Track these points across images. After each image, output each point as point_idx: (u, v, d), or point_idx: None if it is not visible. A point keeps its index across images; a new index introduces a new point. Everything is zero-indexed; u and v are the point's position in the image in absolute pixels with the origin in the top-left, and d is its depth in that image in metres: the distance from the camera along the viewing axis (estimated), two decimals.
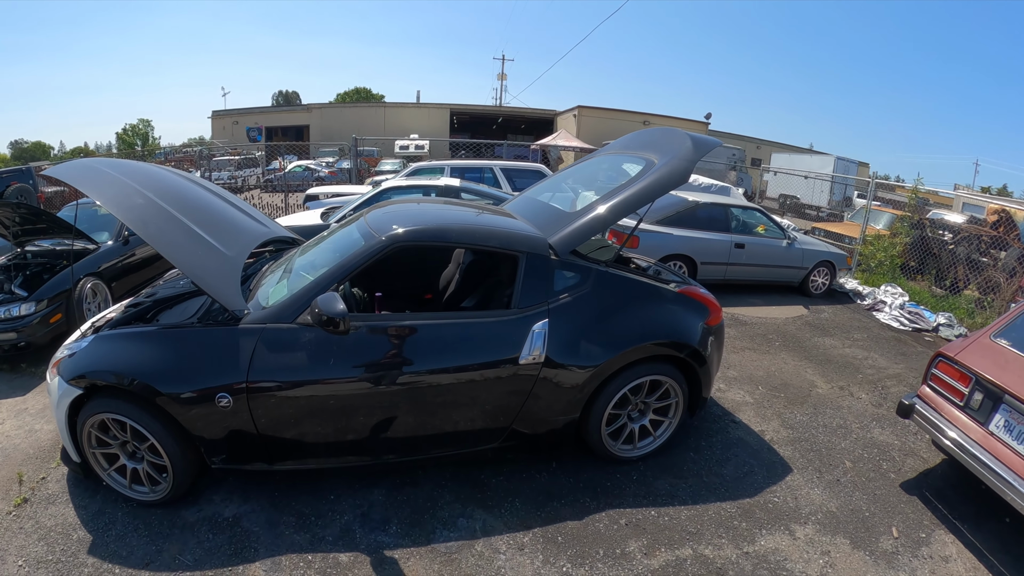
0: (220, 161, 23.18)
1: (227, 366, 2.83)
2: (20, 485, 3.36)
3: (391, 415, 3.03)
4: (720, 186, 11.32)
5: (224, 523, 3.00)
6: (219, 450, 2.95)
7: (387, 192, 7.67)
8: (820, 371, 5.45)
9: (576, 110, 33.73)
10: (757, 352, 5.85)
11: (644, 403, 3.53)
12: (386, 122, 38.23)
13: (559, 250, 3.31)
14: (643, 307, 3.45)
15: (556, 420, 3.29)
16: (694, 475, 3.55)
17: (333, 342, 2.88)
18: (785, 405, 4.63)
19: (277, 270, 3.63)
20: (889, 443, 4.17)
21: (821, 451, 3.97)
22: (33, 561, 2.77)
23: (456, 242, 3.44)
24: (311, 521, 3.02)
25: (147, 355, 2.89)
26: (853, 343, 6.43)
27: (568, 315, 3.21)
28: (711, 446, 3.89)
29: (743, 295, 7.89)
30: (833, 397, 4.89)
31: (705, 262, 7.54)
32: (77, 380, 2.90)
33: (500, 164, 10.35)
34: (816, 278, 8.31)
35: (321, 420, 2.97)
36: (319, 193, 11.64)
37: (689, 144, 3.66)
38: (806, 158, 25.48)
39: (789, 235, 8.17)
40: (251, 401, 2.83)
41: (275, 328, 2.90)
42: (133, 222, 3.01)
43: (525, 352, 3.07)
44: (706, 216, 7.72)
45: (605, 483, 3.41)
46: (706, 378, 3.60)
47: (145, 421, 2.86)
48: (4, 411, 4.35)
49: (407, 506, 3.15)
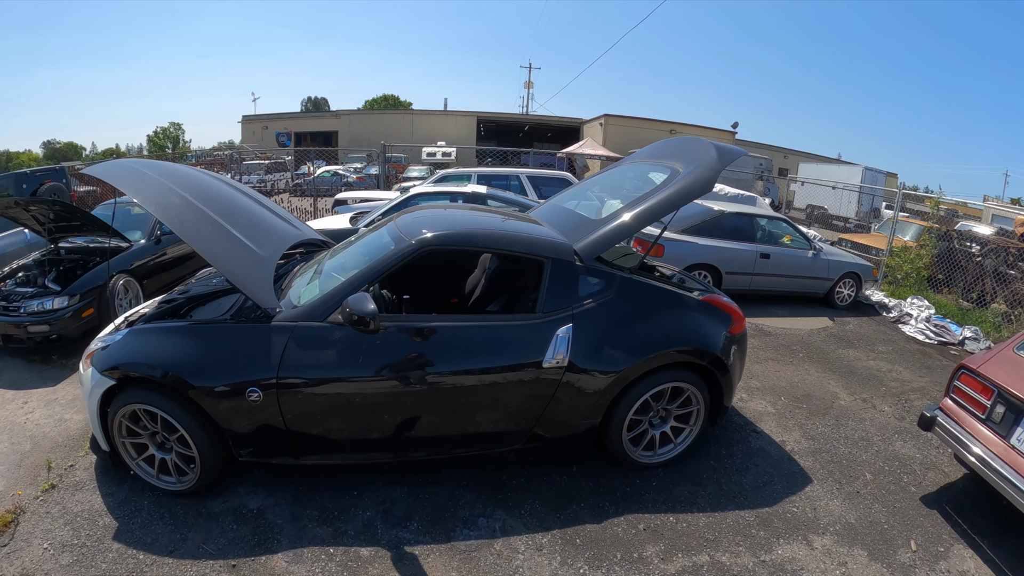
0: (250, 165, 23.57)
1: (258, 362, 2.90)
2: (48, 471, 3.47)
3: (416, 414, 3.09)
4: (746, 196, 11.24)
5: (248, 514, 3.06)
6: (247, 443, 3.03)
7: (415, 198, 7.76)
8: (843, 383, 5.39)
9: (602, 118, 33.68)
10: (780, 363, 5.80)
11: (665, 410, 3.53)
12: (414, 129, 38.58)
13: (584, 256, 3.35)
14: (666, 314, 3.47)
15: (578, 424, 3.31)
16: (714, 483, 3.54)
17: (362, 341, 2.94)
18: (807, 416, 4.59)
19: (308, 271, 3.71)
20: (911, 456, 4.11)
21: (842, 463, 3.93)
22: (58, 544, 2.85)
23: (483, 246, 3.48)
24: (334, 516, 3.07)
25: (180, 349, 2.97)
26: (877, 356, 6.34)
27: (592, 320, 3.23)
28: (731, 455, 3.88)
29: (768, 305, 7.82)
30: (856, 409, 4.83)
31: (730, 272, 7.50)
32: (111, 371, 2.99)
33: (526, 172, 10.41)
34: (842, 289, 8.20)
35: (347, 417, 3.03)
36: (348, 198, 11.79)
37: (714, 153, 3.68)
38: (833, 168, 25.15)
39: (815, 246, 8.09)
40: (280, 396, 2.90)
41: (306, 326, 2.97)
42: (171, 221, 3.11)
43: (548, 356, 3.10)
44: (731, 226, 7.69)
45: (625, 488, 3.42)
46: (728, 386, 3.59)
47: (176, 413, 2.94)
48: (35, 400, 4.50)
49: (428, 504, 3.19)
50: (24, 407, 4.40)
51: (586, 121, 37.76)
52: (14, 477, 3.45)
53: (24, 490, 3.30)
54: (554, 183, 10.09)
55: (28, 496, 3.23)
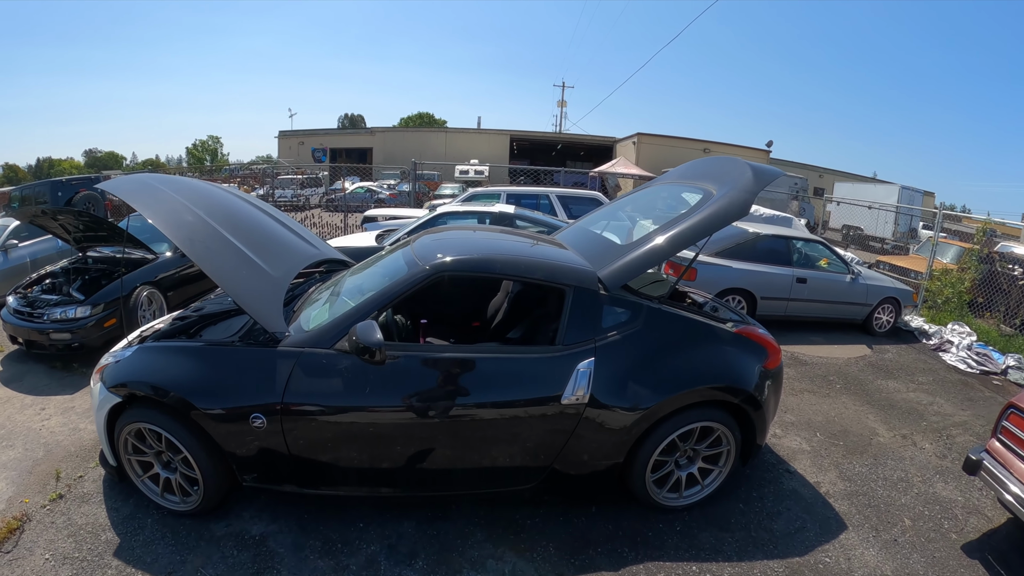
0: (284, 180, 23.96)
1: (263, 387, 2.81)
2: (57, 481, 3.46)
3: (426, 447, 2.93)
4: (782, 217, 10.91)
5: (250, 540, 2.97)
6: (250, 468, 2.93)
7: (442, 217, 7.71)
8: (882, 417, 5.07)
9: (635, 137, 33.20)
10: (817, 395, 5.50)
11: (693, 450, 3.28)
12: (447, 147, 38.70)
13: (609, 284, 3.14)
14: (697, 348, 3.23)
15: (598, 463, 3.09)
16: (742, 528, 3.29)
17: (370, 370, 2.81)
18: (844, 454, 4.30)
19: (323, 293, 3.61)
20: (952, 499, 3.82)
21: (879, 507, 3.66)
22: (60, 556, 2.83)
23: (501, 273, 3.30)
24: (337, 548, 2.95)
25: (186, 370, 2.91)
26: (918, 387, 5.99)
27: (616, 354, 3.02)
28: (762, 497, 3.62)
29: (804, 332, 7.49)
30: (895, 447, 4.52)
31: (765, 297, 7.19)
32: (118, 388, 2.96)
33: (556, 191, 10.26)
34: (880, 315, 7.82)
35: (354, 447, 2.90)
36: (377, 215, 11.83)
37: (749, 175, 3.45)
38: (870, 187, 24.50)
39: (853, 269, 7.74)
40: (285, 423, 2.80)
41: (313, 352, 2.86)
42: (180, 240, 3.04)
43: (568, 392, 2.91)
44: (767, 248, 7.38)
45: (646, 532, 3.19)
46: (761, 425, 3.32)
47: (180, 434, 2.87)
48: (52, 407, 4.53)
49: (436, 541, 3.04)
50: (41, 413, 4.44)
51: (619, 140, 37.41)
52: (24, 484, 3.47)
53: (32, 498, 3.31)
54: (584, 203, 9.92)
55: (35, 504, 3.24)
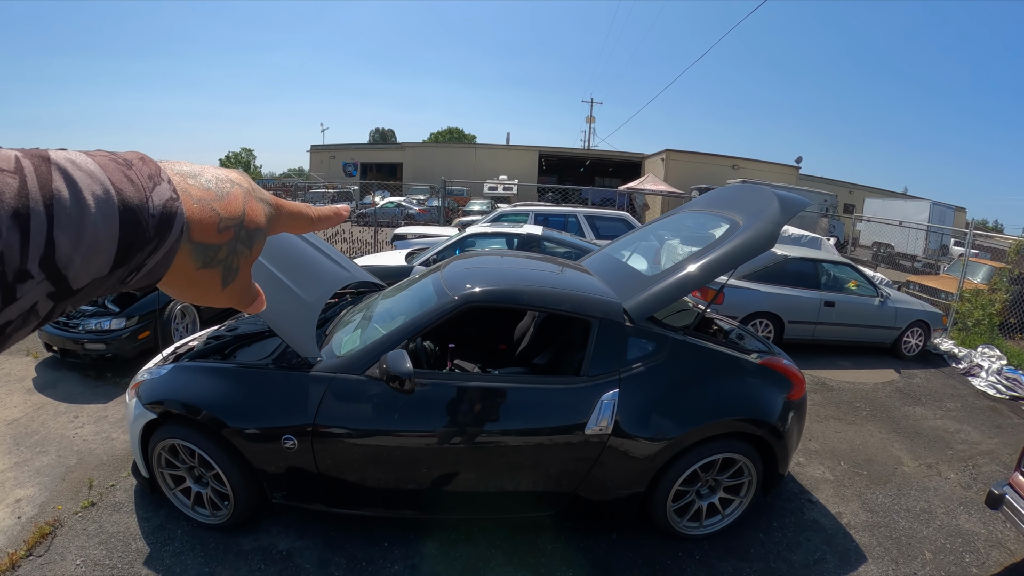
0: (315, 194, 24.38)
1: (295, 410, 2.91)
2: (90, 489, 3.59)
3: (451, 472, 3.00)
4: (811, 238, 10.79)
5: (278, 555, 3.06)
6: (280, 487, 3.03)
7: (470, 239, 7.81)
8: (908, 445, 5.00)
9: (664, 154, 32.82)
10: (842, 422, 5.43)
11: (715, 480, 3.30)
12: (476, 163, 38.79)
13: (634, 316, 3.18)
14: (721, 380, 3.25)
15: (620, 491, 3.13)
16: (761, 559, 3.29)
17: (399, 397, 2.89)
18: (867, 484, 4.25)
19: (355, 316, 3.70)
20: (975, 532, 3.76)
21: (901, 539, 3.62)
22: (91, 562, 2.94)
23: (528, 304, 3.34)
24: (361, 566, 3.02)
25: (220, 390, 3.03)
26: (945, 413, 5.88)
27: (641, 385, 3.06)
28: (783, 527, 3.61)
29: (831, 356, 7.41)
30: (919, 477, 4.46)
31: (793, 320, 7.14)
32: (153, 405, 3.08)
33: (584, 211, 10.33)
34: (909, 339, 7.68)
35: (382, 471, 2.98)
36: (407, 233, 11.85)
37: (776, 206, 3.46)
38: (900, 204, 24.06)
39: (882, 292, 7.62)
40: (315, 445, 2.89)
41: (344, 378, 2.95)
42: None
43: (592, 422, 2.95)
44: (795, 271, 7.33)
45: (665, 560, 3.21)
46: (783, 456, 3.32)
47: (212, 451, 2.99)
48: (85, 416, 4.67)
49: (458, 563, 3.09)
50: (74, 421, 4.58)
51: (647, 156, 37.10)
52: (57, 490, 3.60)
53: (64, 504, 3.43)
54: (611, 222, 9.98)
55: (68, 511, 3.36)
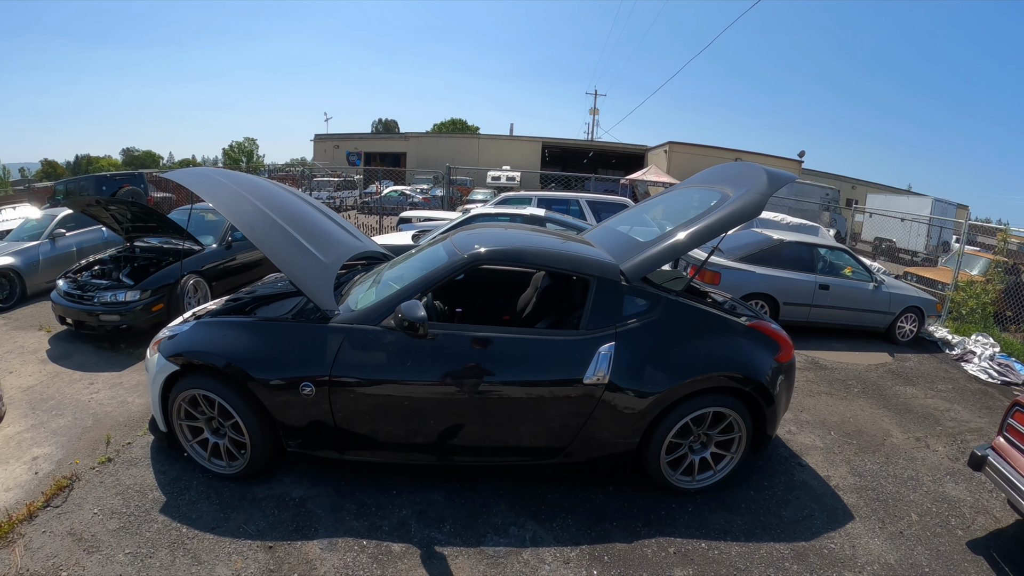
0: (320, 182, 24.61)
1: (314, 359, 3.09)
2: (107, 446, 3.77)
3: (459, 420, 3.19)
4: (809, 225, 10.93)
5: (291, 502, 3.23)
6: (296, 435, 3.21)
7: (475, 219, 8.02)
8: (897, 420, 5.15)
9: (667, 146, 33.06)
10: (834, 397, 5.59)
11: (707, 435, 3.48)
12: (480, 153, 39.12)
13: (630, 276, 3.38)
14: (710, 337, 3.44)
15: (615, 443, 3.32)
16: (751, 513, 3.46)
17: (412, 346, 3.08)
18: (856, 452, 4.41)
19: (367, 280, 3.91)
20: (961, 499, 3.90)
21: (887, 501, 3.77)
22: (108, 511, 3.09)
23: (532, 263, 3.58)
24: (371, 511, 3.20)
25: (243, 342, 3.21)
26: (936, 394, 6.03)
27: (635, 340, 3.25)
28: (773, 486, 3.77)
29: (826, 339, 7.56)
30: (908, 448, 4.61)
31: (788, 302, 7.29)
32: (175, 358, 3.26)
33: (586, 196, 10.52)
34: (903, 324, 7.83)
35: (393, 417, 3.17)
36: (412, 216, 12.28)
37: (764, 179, 3.66)
38: (903, 199, 24.08)
39: (876, 278, 7.77)
40: (332, 393, 3.08)
41: (361, 329, 3.15)
42: (243, 225, 3.38)
43: (590, 372, 3.14)
44: (791, 255, 7.48)
45: (659, 511, 3.38)
46: (772, 415, 3.51)
47: (233, 401, 3.16)
48: (101, 383, 4.86)
49: (463, 509, 3.27)
50: (90, 387, 4.75)
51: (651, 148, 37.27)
52: (73, 448, 3.76)
53: (82, 460, 3.59)
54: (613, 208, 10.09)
55: (84, 466, 3.51)
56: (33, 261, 7.59)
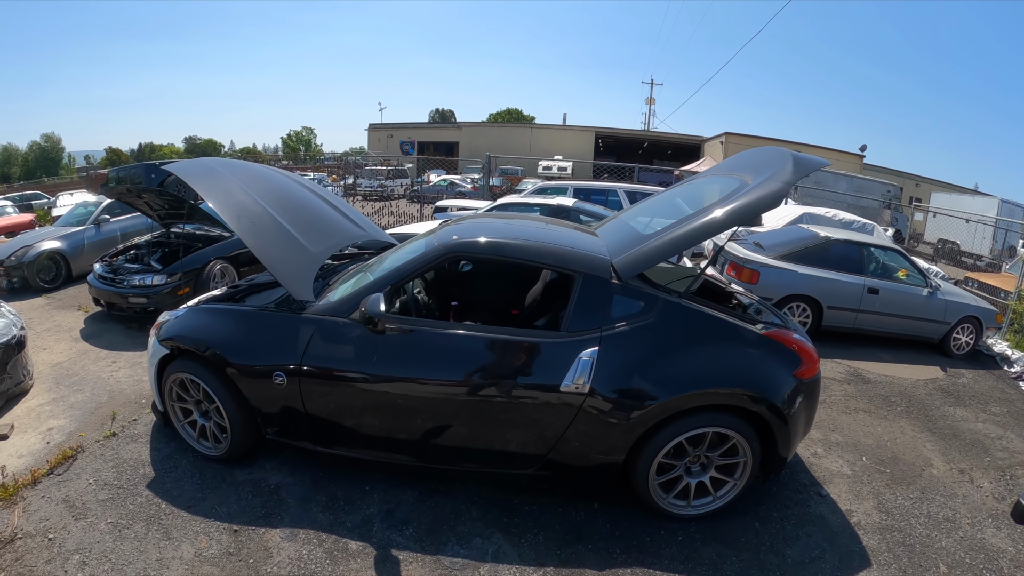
0: (369, 171, 24.99)
1: (286, 349, 3.05)
2: (112, 421, 3.95)
3: (428, 421, 3.03)
4: (862, 223, 10.18)
5: (266, 489, 3.24)
6: (272, 423, 3.20)
7: (502, 207, 8.03)
8: (941, 447, 4.62)
9: (723, 137, 32.37)
10: (873, 416, 5.09)
11: (706, 457, 3.12)
12: (532, 143, 39.12)
13: (622, 273, 3.06)
14: (714, 347, 3.04)
15: (597, 457, 3.02)
16: (750, 549, 3.08)
17: (377, 340, 2.97)
18: (887, 484, 3.94)
19: (359, 271, 3.80)
20: (1001, 549, 3.37)
21: (914, 547, 3.29)
22: (101, 483, 3.25)
23: (510, 257, 3.26)
24: (339, 505, 3.14)
25: (224, 329, 3.24)
26: (989, 418, 5.41)
27: (623, 345, 2.93)
28: (783, 518, 3.37)
29: (873, 348, 6.96)
30: (948, 481, 4.09)
31: (832, 306, 6.72)
32: (167, 342, 3.34)
33: (625, 187, 10.28)
34: (959, 336, 7.10)
35: (360, 412, 3.07)
36: (448, 206, 12.47)
37: (790, 164, 3.24)
38: (967, 199, 22.22)
39: (931, 283, 7.06)
40: (302, 384, 3.02)
41: (331, 321, 3.07)
42: (228, 216, 3.41)
43: (568, 379, 2.86)
44: (839, 254, 6.87)
45: (644, 538, 3.08)
46: (785, 439, 3.08)
47: (214, 385, 3.19)
48: (123, 361, 5.12)
49: (432, 513, 3.14)
50: (112, 365, 5.01)
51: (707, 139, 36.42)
52: (85, 422, 3.97)
53: (89, 433, 3.79)
54: None
55: (91, 439, 3.71)
56: (78, 245, 8.06)
